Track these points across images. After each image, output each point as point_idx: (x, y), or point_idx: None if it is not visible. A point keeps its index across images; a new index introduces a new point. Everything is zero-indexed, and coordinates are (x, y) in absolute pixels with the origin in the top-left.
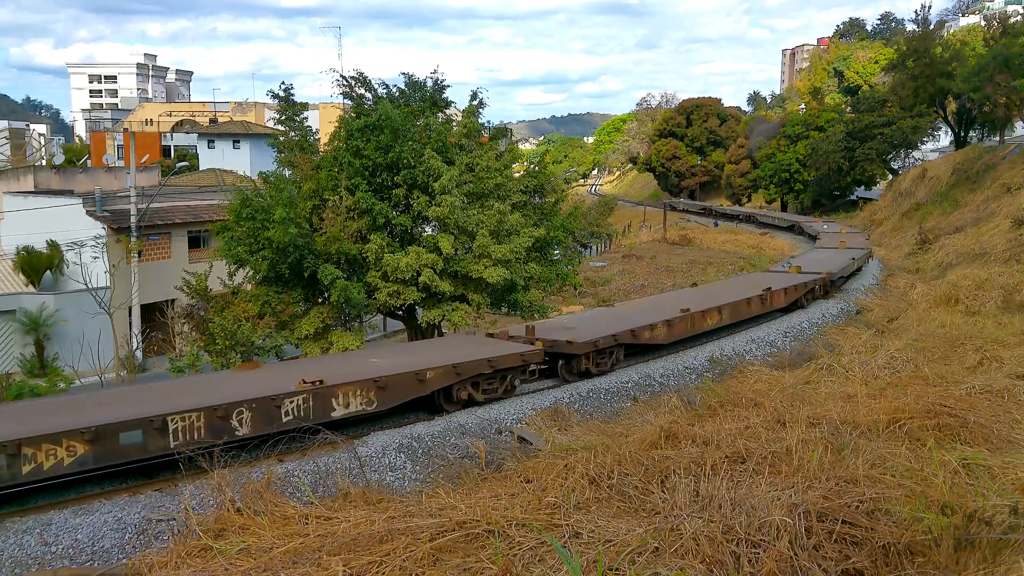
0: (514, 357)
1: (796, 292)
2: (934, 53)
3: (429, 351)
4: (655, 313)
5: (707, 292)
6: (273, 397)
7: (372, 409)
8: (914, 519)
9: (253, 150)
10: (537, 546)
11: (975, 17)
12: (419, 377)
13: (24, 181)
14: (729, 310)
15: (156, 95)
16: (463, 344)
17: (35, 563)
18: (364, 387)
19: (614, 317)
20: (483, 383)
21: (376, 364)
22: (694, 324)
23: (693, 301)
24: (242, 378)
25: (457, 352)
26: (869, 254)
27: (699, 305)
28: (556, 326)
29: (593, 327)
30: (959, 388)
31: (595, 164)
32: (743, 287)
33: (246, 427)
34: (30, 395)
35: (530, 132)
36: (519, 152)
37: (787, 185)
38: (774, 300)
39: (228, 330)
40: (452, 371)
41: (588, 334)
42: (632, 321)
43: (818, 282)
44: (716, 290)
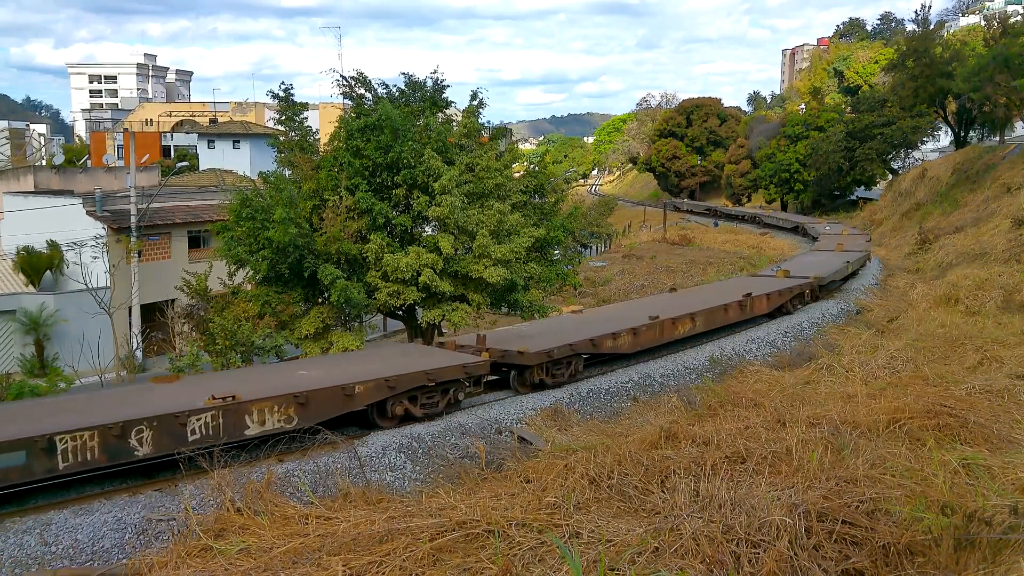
0: (456, 369)
1: (780, 297)
2: (934, 53)
3: (363, 363)
4: (624, 320)
5: (684, 298)
6: (177, 414)
7: (292, 427)
8: (914, 519)
9: (253, 150)
10: (537, 546)
11: (975, 17)
12: (346, 391)
13: (24, 181)
14: (703, 317)
15: (156, 95)
16: (403, 355)
17: (35, 563)
18: (282, 403)
19: (578, 325)
20: (422, 397)
21: (303, 377)
22: (663, 332)
23: (670, 307)
24: (157, 392)
25: (393, 364)
26: (867, 257)
27: (672, 312)
28: (512, 335)
29: (551, 336)
30: (959, 388)
31: (595, 164)
32: (723, 293)
33: (146, 447)
34: (30, 395)
35: (530, 132)
36: (519, 152)
37: (787, 185)
38: (755, 306)
39: (228, 330)
40: (385, 385)
41: (543, 343)
42: (594, 329)
43: (805, 287)
44: (694, 296)
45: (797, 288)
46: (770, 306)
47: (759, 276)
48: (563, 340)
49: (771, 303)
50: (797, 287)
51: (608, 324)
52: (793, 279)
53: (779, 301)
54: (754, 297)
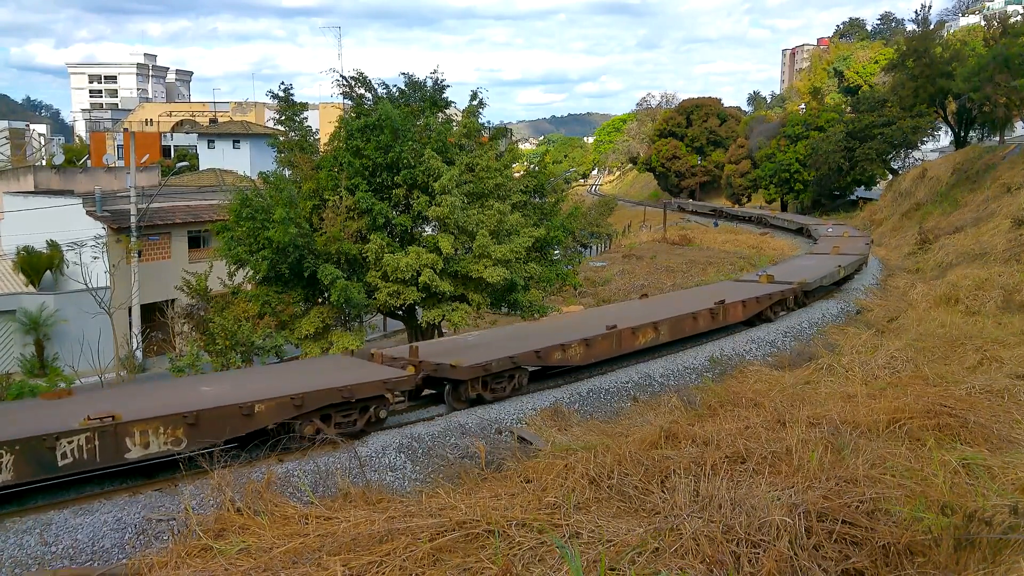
0: (376, 385)
1: (759, 304)
2: (934, 53)
3: (274, 378)
4: (579, 329)
5: (653, 305)
6: (44, 437)
7: (181, 449)
8: (914, 519)
9: (253, 150)
10: (537, 546)
11: (975, 17)
12: (244, 411)
13: (24, 181)
14: (668, 326)
15: (156, 95)
16: (320, 370)
17: (35, 563)
18: (169, 424)
19: (528, 334)
20: (336, 415)
21: (202, 394)
22: (621, 343)
23: (636, 315)
24: (36, 411)
25: (305, 380)
26: (863, 260)
27: (634, 321)
28: (454, 345)
29: (493, 347)
30: (959, 388)
31: (595, 164)
32: (697, 299)
33: (7, 473)
34: (30, 395)
35: (531, 132)
36: (519, 152)
37: (787, 185)
38: (728, 314)
39: (228, 330)
40: (290, 403)
41: (480, 355)
42: (543, 340)
43: (788, 293)
44: (665, 303)
45: (778, 294)
46: (746, 313)
47: (742, 281)
48: (504, 352)
49: (747, 310)
50: (778, 293)
51: (561, 334)
52: (775, 284)
53: (756, 308)
54: (727, 304)
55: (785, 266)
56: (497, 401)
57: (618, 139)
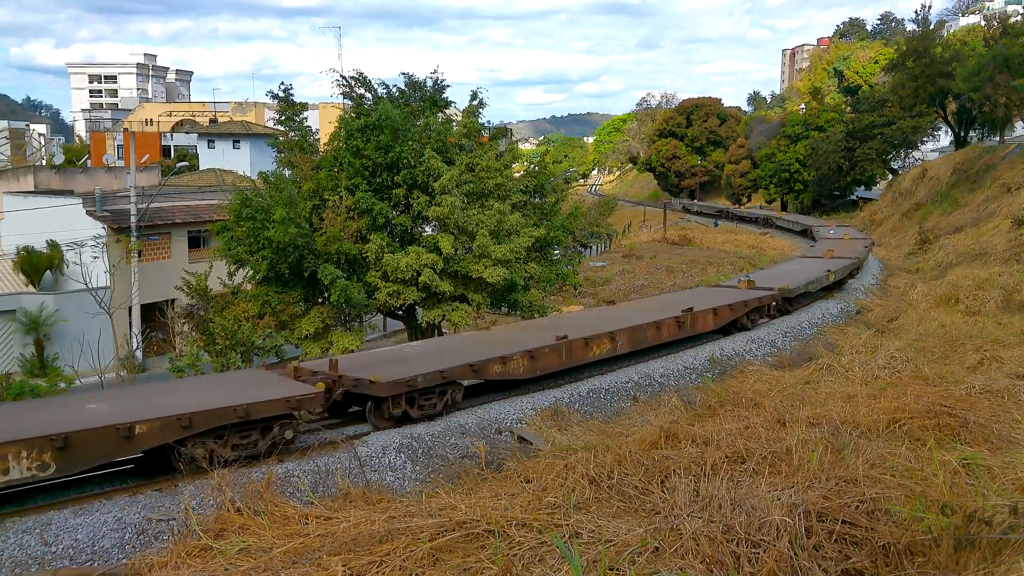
0: (278, 403)
1: (732, 312)
2: (934, 53)
3: (166, 396)
4: (527, 340)
5: (617, 314)
6: None
7: (50, 475)
8: (914, 519)
9: (253, 150)
10: (537, 546)
11: (975, 17)
12: (122, 432)
13: (24, 181)
14: (627, 336)
15: (156, 95)
16: (223, 385)
17: (35, 563)
18: (34, 447)
19: (471, 344)
20: (233, 436)
21: (87, 412)
22: (571, 355)
23: (595, 324)
24: None
25: (199, 397)
26: (858, 265)
27: (592, 329)
28: (381, 358)
29: (427, 360)
30: (959, 388)
31: (595, 164)
32: (667, 307)
33: None
34: (30, 395)
35: (531, 132)
36: (519, 152)
37: (787, 185)
38: (697, 323)
39: (228, 330)
40: (176, 424)
41: (406, 370)
42: (483, 351)
43: (767, 300)
44: (630, 311)
45: (755, 301)
46: (717, 322)
47: (720, 287)
48: (434, 365)
49: (719, 319)
50: (755, 300)
51: (504, 345)
52: (754, 291)
53: (730, 316)
54: (696, 313)
55: (772, 271)
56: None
57: (618, 139)
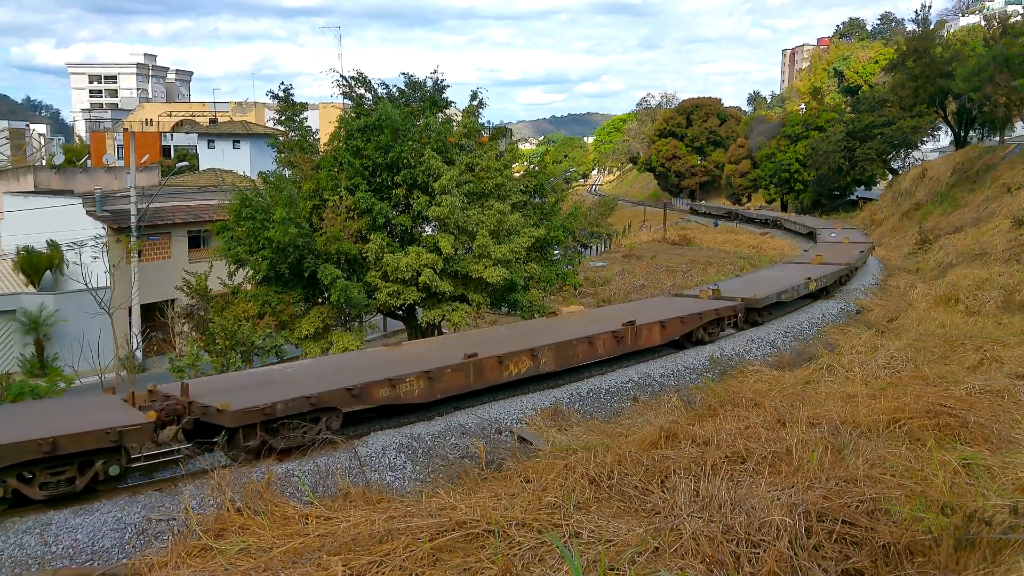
0: (94, 436)
1: (684, 325)
2: (934, 53)
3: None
4: (433, 359)
5: (551, 327)
6: None
7: None
8: (914, 519)
9: (253, 150)
10: (537, 546)
11: (975, 17)
12: None
13: (24, 181)
14: (553, 353)
15: (156, 95)
16: (43, 414)
17: (35, 563)
18: None
19: (359, 365)
20: (43, 474)
21: None
22: (481, 375)
23: (518, 340)
24: None
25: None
26: (848, 272)
27: (511, 345)
28: (250, 382)
29: (300, 383)
30: (959, 388)
31: (595, 164)
32: (610, 319)
33: None
34: (30, 395)
35: (532, 132)
36: (519, 152)
37: (787, 185)
38: (640, 337)
39: (228, 330)
40: None
41: (264, 396)
42: (366, 373)
43: (727, 311)
44: (573, 324)
45: (711, 313)
46: (666, 336)
47: (682, 296)
48: (300, 390)
49: (668, 332)
50: (712, 312)
51: (402, 364)
52: (714, 301)
53: (681, 329)
54: (638, 326)
55: (749, 277)
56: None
57: (618, 139)
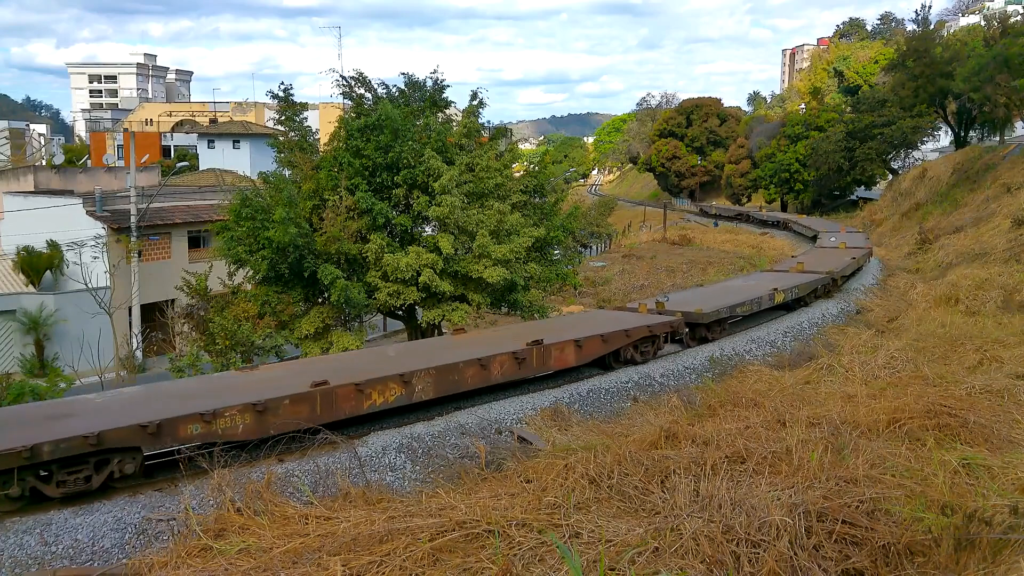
0: None
1: (606, 344)
2: (934, 53)
3: None
4: (285, 385)
5: (448, 346)
6: None
7: None
8: (914, 519)
9: (253, 150)
10: (537, 546)
11: (975, 17)
12: None
13: (24, 181)
14: (431, 378)
15: (156, 95)
16: None
17: (35, 563)
18: None
19: (178, 394)
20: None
21: None
22: (332, 406)
23: (395, 362)
24: None
25: None
26: (828, 281)
27: (381, 370)
28: (28, 416)
29: (92, 416)
30: (959, 388)
31: (595, 164)
32: (507, 339)
33: None
34: (31, 395)
35: (532, 132)
36: (519, 152)
37: (787, 185)
38: (548, 358)
39: (228, 330)
40: None
41: (28, 436)
42: (175, 406)
43: (663, 327)
44: (465, 344)
45: (641, 330)
46: (583, 356)
47: (623, 310)
48: (83, 427)
49: (586, 352)
50: (641, 329)
51: (232, 393)
52: (650, 317)
53: (602, 349)
54: (547, 346)
55: (707, 289)
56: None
57: (618, 139)
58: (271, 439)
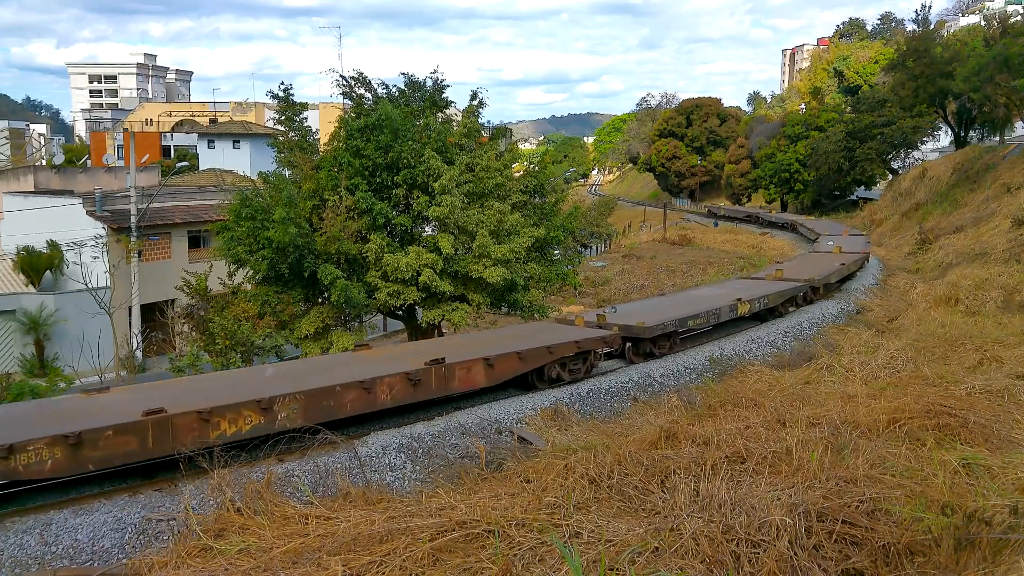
0: None
1: (522, 363)
2: (934, 53)
3: None
4: (117, 413)
5: (322, 366)
6: None
7: None
8: (914, 519)
9: (253, 150)
10: (537, 546)
11: (975, 17)
12: None
13: (24, 181)
14: (298, 404)
15: (156, 95)
16: None
17: (35, 563)
18: None
19: None
20: None
21: None
22: (169, 437)
23: (247, 387)
24: None
25: None
26: (806, 291)
27: (234, 395)
28: None
29: None
30: (959, 388)
31: (595, 164)
32: (403, 358)
33: None
34: (30, 395)
35: (532, 132)
36: (519, 152)
37: (787, 185)
38: (451, 379)
39: (228, 330)
40: None
41: None
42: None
43: (594, 343)
44: (350, 364)
45: (568, 347)
46: (496, 376)
47: (567, 322)
48: None
49: (499, 371)
50: (567, 345)
51: (51, 421)
52: (581, 331)
53: (519, 368)
54: (451, 365)
55: (664, 299)
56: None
57: (618, 139)
58: (271, 438)
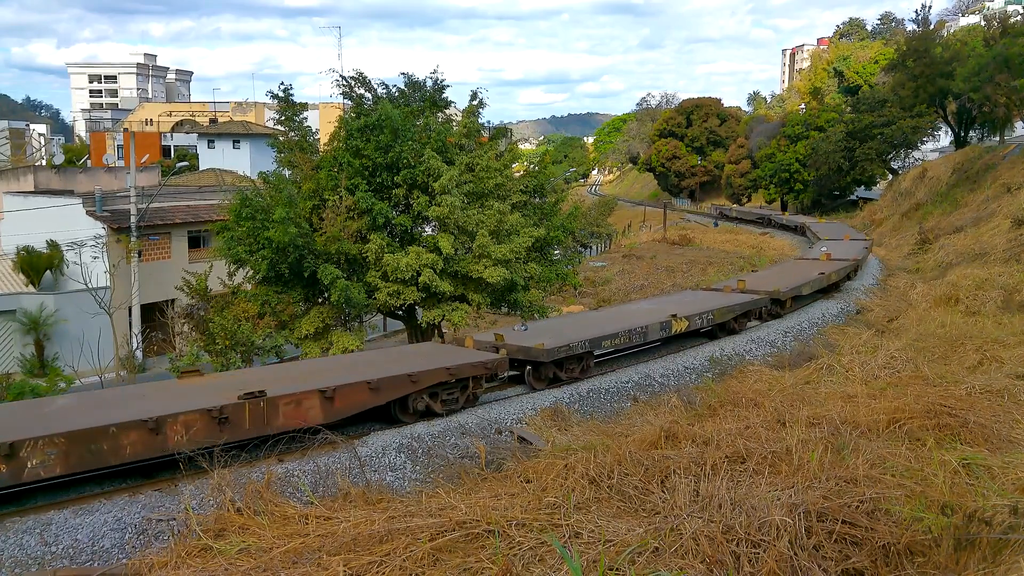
0: None
1: (375, 395)
2: (934, 53)
3: None
4: None
5: (114, 400)
6: None
7: None
8: (914, 519)
9: (253, 150)
10: (537, 546)
11: (975, 17)
12: None
13: (24, 181)
14: (57, 449)
15: (156, 95)
16: None
17: (35, 563)
18: None
19: None
20: None
21: None
22: None
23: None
24: None
25: None
26: (765, 305)
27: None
28: None
29: None
30: (959, 388)
31: (595, 164)
32: (223, 389)
33: None
34: (31, 395)
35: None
36: (519, 152)
37: (787, 185)
38: (273, 416)
39: (228, 330)
40: None
41: None
42: None
43: (476, 368)
44: (146, 399)
45: (430, 376)
46: (333, 412)
47: (453, 343)
48: None
49: (337, 406)
50: (427, 374)
51: None
52: (460, 354)
53: (369, 400)
54: (272, 399)
55: (588, 316)
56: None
57: (618, 139)
58: (271, 438)
